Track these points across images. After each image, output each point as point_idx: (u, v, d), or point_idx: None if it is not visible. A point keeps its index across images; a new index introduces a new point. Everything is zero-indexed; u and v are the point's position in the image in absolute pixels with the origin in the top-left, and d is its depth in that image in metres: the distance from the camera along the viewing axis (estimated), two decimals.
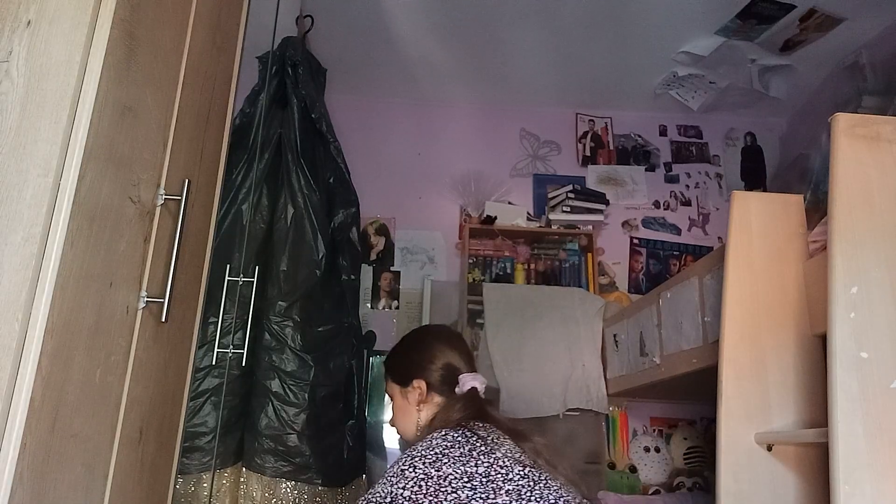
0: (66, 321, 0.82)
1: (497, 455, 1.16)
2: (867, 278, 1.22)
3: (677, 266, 3.36)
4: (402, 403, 1.44)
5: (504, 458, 1.16)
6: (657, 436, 3.04)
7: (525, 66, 3.21)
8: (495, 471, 1.13)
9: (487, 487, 1.10)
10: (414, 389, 1.42)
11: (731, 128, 3.63)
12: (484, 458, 1.15)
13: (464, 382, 1.40)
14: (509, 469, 1.14)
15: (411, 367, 1.44)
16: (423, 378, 1.42)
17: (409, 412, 1.42)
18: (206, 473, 2.12)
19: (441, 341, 1.48)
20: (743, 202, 1.68)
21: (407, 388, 1.43)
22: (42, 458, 0.79)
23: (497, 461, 1.15)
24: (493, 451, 1.17)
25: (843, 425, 1.15)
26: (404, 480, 1.11)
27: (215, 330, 2.14)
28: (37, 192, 0.79)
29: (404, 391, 1.44)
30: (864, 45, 2.85)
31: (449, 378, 1.41)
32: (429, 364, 1.43)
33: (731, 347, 1.57)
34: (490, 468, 1.13)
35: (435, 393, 1.41)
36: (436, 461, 1.13)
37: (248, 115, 2.50)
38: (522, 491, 1.12)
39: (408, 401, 1.42)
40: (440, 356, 1.44)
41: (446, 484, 1.10)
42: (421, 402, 1.41)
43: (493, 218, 3.21)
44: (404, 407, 1.43)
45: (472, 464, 1.13)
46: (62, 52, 0.84)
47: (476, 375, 1.41)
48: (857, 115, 1.33)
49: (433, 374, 1.42)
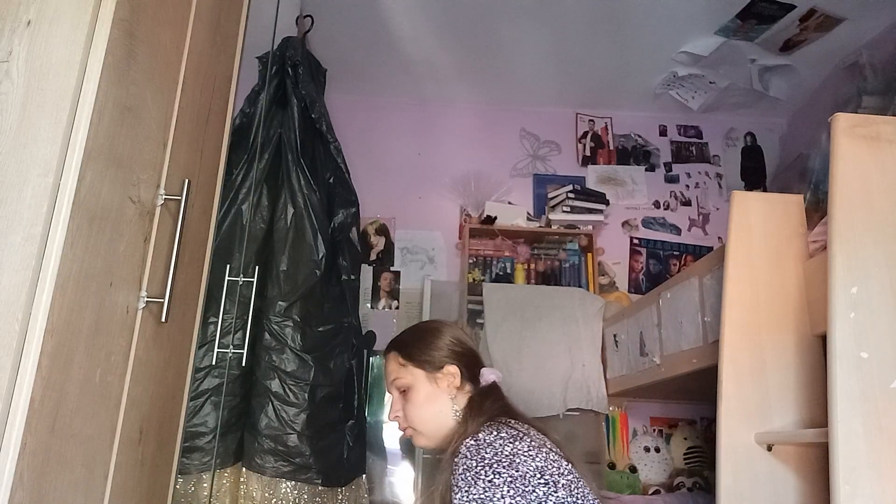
0: (66, 321, 0.82)
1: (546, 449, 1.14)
2: (867, 278, 1.22)
3: (677, 266, 3.36)
4: (430, 390, 1.33)
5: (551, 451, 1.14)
6: (657, 436, 3.04)
7: (525, 66, 3.21)
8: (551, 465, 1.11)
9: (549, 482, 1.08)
10: (444, 375, 1.33)
11: (731, 128, 3.63)
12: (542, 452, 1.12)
13: (486, 375, 1.35)
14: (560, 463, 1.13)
15: (442, 352, 1.36)
16: (457, 364, 1.34)
17: (438, 400, 1.32)
18: (206, 473, 2.12)
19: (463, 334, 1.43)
20: (743, 202, 1.68)
21: (436, 373, 1.34)
22: (42, 458, 0.79)
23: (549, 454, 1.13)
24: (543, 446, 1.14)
25: (843, 425, 1.15)
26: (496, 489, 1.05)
27: (215, 330, 2.14)
28: (37, 192, 0.79)
29: (433, 377, 1.34)
30: (864, 45, 2.85)
31: (474, 369, 1.36)
32: (459, 352, 1.36)
33: (731, 347, 1.57)
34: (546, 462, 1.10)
35: (466, 381, 1.34)
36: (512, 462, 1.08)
37: (248, 115, 2.50)
38: (572, 486, 1.11)
39: (437, 387, 1.33)
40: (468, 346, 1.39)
41: (527, 483, 1.06)
42: (455, 389, 1.32)
43: (493, 218, 3.20)
44: (432, 394, 1.32)
45: (540, 458, 1.10)
46: (62, 52, 0.84)
47: (493, 369, 1.38)
48: (857, 115, 1.33)
49: (464, 360, 1.36)
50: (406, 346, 1.40)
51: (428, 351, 1.36)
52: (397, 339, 1.45)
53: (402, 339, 1.44)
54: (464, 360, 1.36)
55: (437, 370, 1.34)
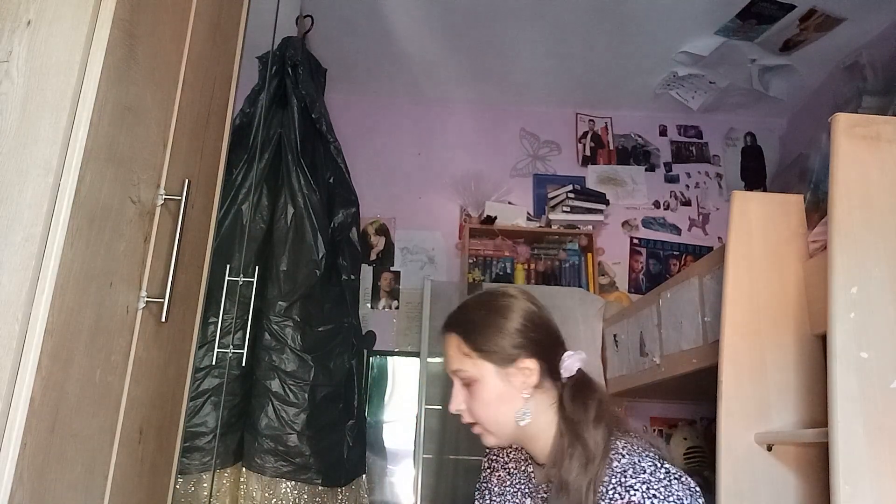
0: (66, 321, 0.82)
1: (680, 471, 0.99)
2: (867, 278, 1.22)
3: (677, 266, 3.36)
4: (502, 388, 1.09)
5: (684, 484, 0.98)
6: (657, 436, 3.04)
7: (525, 66, 3.21)
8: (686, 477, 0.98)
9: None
10: (520, 371, 1.09)
11: (731, 128, 3.63)
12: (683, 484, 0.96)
13: (569, 362, 1.11)
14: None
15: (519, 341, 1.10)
16: (536, 357, 1.09)
17: (511, 399, 1.09)
18: (206, 473, 2.12)
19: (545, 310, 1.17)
20: (743, 202, 1.67)
21: (509, 368, 1.09)
22: (42, 458, 0.79)
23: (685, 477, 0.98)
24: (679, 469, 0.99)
25: (843, 425, 1.15)
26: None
27: (215, 330, 2.14)
28: (37, 192, 0.79)
29: (505, 372, 1.09)
30: (864, 45, 2.85)
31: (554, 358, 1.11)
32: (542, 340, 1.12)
33: (731, 347, 1.57)
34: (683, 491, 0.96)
35: (546, 378, 1.11)
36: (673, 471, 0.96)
37: (248, 115, 2.50)
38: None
39: (510, 384, 1.09)
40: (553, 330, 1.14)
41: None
42: (533, 389, 1.09)
43: (493, 218, 3.20)
44: (505, 393, 1.09)
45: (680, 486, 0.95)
46: (62, 52, 0.84)
47: (578, 352, 1.13)
48: (857, 115, 1.33)
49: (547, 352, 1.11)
50: (471, 329, 1.13)
51: (498, 339, 1.10)
52: (459, 318, 1.17)
53: (467, 318, 1.16)
54: (543, 349, 1.11)
55: (509, 364, 1.09)
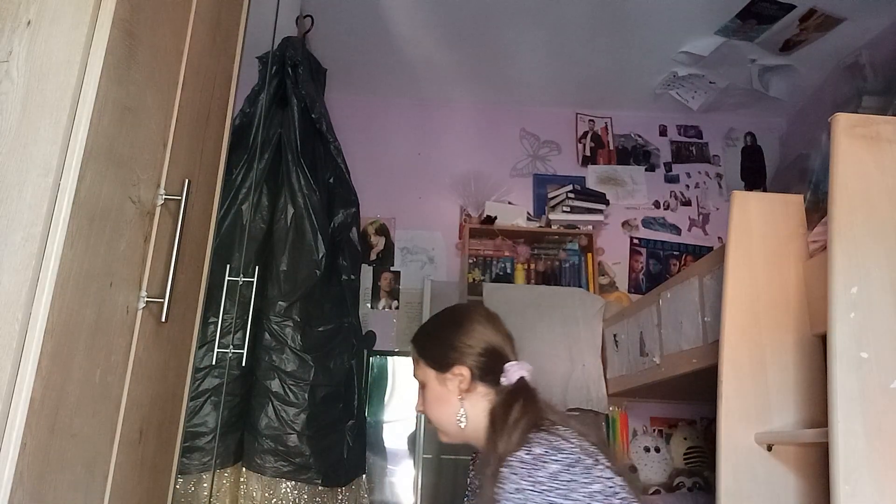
0: (66, 321, 0.82)
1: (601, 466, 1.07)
2: (867, 278, 1.22)
3: (677, 266, 3.36)
4: (440, 392, 1.25)
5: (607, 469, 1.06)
6: (657, 436, 3.04)
7: (525, 66, 3.21)
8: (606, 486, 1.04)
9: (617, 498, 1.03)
10: (454, 377, 1.24)
11: (731, 128, 3.63)
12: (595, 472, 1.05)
13: (511, 372, 1.24)
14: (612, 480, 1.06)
15: (451, 351, 1.26)
16: (465, 364, 1.24)
17: (448, 402, 1.24)
18: (206, 473, 2.12)
19: (485, 323, 1.30)
20: (743, 202, 1.67)
21: (445, 374, 1.25)
22: (42, 458, 0.79)
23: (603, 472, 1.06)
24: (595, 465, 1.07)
25: (843, 425, 1.15)
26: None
27: (215, 330, 2.14)
28: (37, 192, 0.79)
29: (442, 377, 1.25)
30: (864, 45, 2.85)
31: (494, 366, 1.25)
32: (471, 349, 1.25)
33: (731, 347, 1.57)
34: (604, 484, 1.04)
35: (478, 382, 1.24)
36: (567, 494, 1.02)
37: (248, 115, 2.50)
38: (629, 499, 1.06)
39: (446, 388, 1.25)
40: (485, 340, 1.27)
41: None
42: (465, 391, 1.23)
43: (493, 218, 3.20)
44: (443, 396, 1.25)
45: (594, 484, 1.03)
46: (62, 52, 0.84)
47: (522, 363, 1.26)
48: (857, 115, 1.32)
49: (476, 359, 1.25)
50: (421, 338, 1.34)
51: (438, 348, 1.28)
52: (419, 329, 1.38)
53: (422, 329, 1.38)
54: (479, 359, 1.25)
55: (446, 370, 1.25)
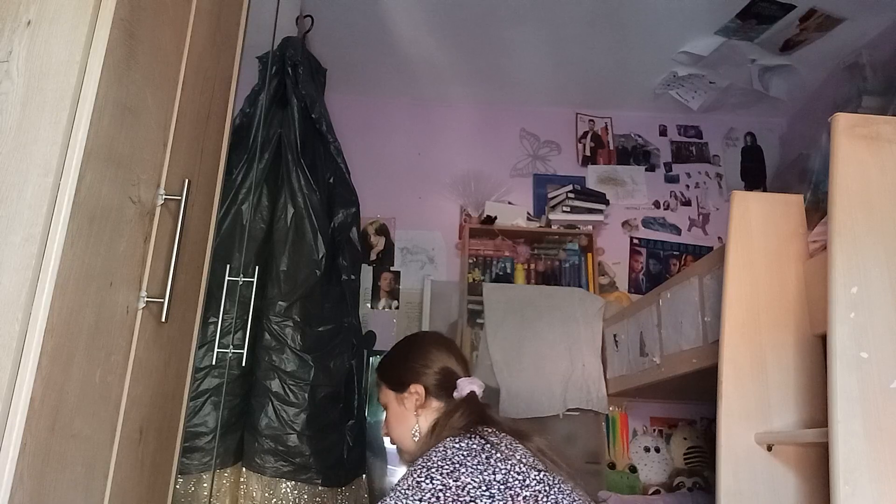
0: (66, 321, 0.82)
1: (513, 461, 1.14)
2: (867, 278, 1.22)
3: (677, 266, 3.36)
4: (399, 410, 1.40)
5: (520, 463, 1.14)
6: (657, 436, 3.04)
7: (525, 66, 3.21)
8: (512, 477, 1.11)
9: (505, 495, 1.08)
10: (411, 395, 1.38)
11: (731, 128, 3.63)
12: (501, 464, 1.12)
13: (462, 387, 1.36)
14: (525, 475, 1.12)
15: (407, 372, 1.41)
16: (420, 382, 1.38)
17: (406, 419, 1.38)
18: (206, 473, 2.12)
19: (436, 346, 1.45)
20: (743, 202, 1.67)
21: (403, 393, 1.39)
22: (42, 458, 0.79)
23: (514, 467, 1.13)
24: (509, 458, 1.14)
25: (843, 425, 1.15)
26: (421, 493, 1.07)
27: (215, 330, 2.14)
28: (37, 192, 0.79)
29: (400, 397, 1.40)
30: (864, 45, 2.85)
31: (446, 383, 1.38)
32: (425, 368, 1.40)
33: (731, 347, 1.57)
34: (507, 475, 1.11)
35: (433, 398, 1.38)
36: (454, 471, 1.10)
37: (248, 115, 2.50)
38: (539, 497, 1.10)
39: (405, 407, 1.39)
40: (437, 361, 1.41)
41: (464, 494, 1.07)
42: (419, 408, 1.37)
43: (493, 218, 3.20)
44: (401, 414, 1.39)
45: (489, 471, 1.11)
46: (62, 52, 0.84)
47: (474, 380, 1.38)
48: (857, 115, 1.32)
49: (430, 378, 1.39)
50: (381, 367, 1.51)
51: (397, 371, 1.44)
52: (381, 358, 1.54)
53: (384, 357, 1.53)
54: (435, 377, 1.39)
55: (403, 390, 1.39)
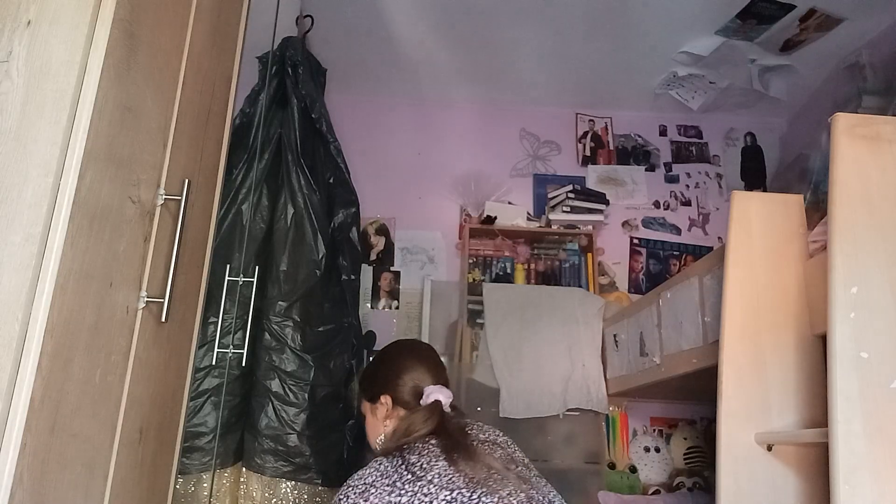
0: (66, 321, 0.82)
1: (423, 482, 1.17)
2: (867, 278, 1.22)
3: (677, 266, 3.36)
4: (371, 420, 1.45)
5: (430, 484, 1.17)
6: (657, 436, 3.04)
7: (525, 66, 3.21)
8: (419, 499, 1.15)
9: None
10: (381, 405, 1.42)
11: (731, 128, 3.63)
12: (409, 486, 1.17)
13: (428, 395, 1.38)
14: (434, 496, 1.15)
15: (378, 384, 1.45)
16: (388, 393, 1.42)
17: (376, 427, 1.43)
18: (206, 473, 2.12)
19: (408, 357, 1.47)
20: (743, 202, 1.68)
21: (375, 404, 1.44)
22: (42, 458, 0.79)
23: (422, 489, 1.16)
24: (420, 479, 1.18)
25: (843, 425, 1.15)
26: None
27: (215, 330, 2.14)
28: (37, 192, 0.79)
29: (373, 407, 1.44)
30: (864, 45, 2.85)
31: (414, 392, 1.40)
32: (395, 379, 1.42)
33: (731, 347, 1.57)
34: (413, 497, 1.15)
35: (400, 407, 1.40)
36: (364, 491, 1.17)
37: (248, 115, 2.50)
38: None
39: (376, 417, 1.43)
40: (406, 371, 1.43)
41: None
42: (387, 417, 1.41)
43: (493, 218, 3.20)
44: (373, 423, 1.44)
45: (395, 493, 1.16)
46: (62, 52, 0.84)
47: (441, 388, 1.39)
48: (857, 115, 1.33)
49: (399, 389, 1.41)
50: (361, 379, 1.56)
51: (369, 383, 1.49)
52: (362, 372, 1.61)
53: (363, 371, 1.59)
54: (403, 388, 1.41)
55: (375, 401, 1.44)
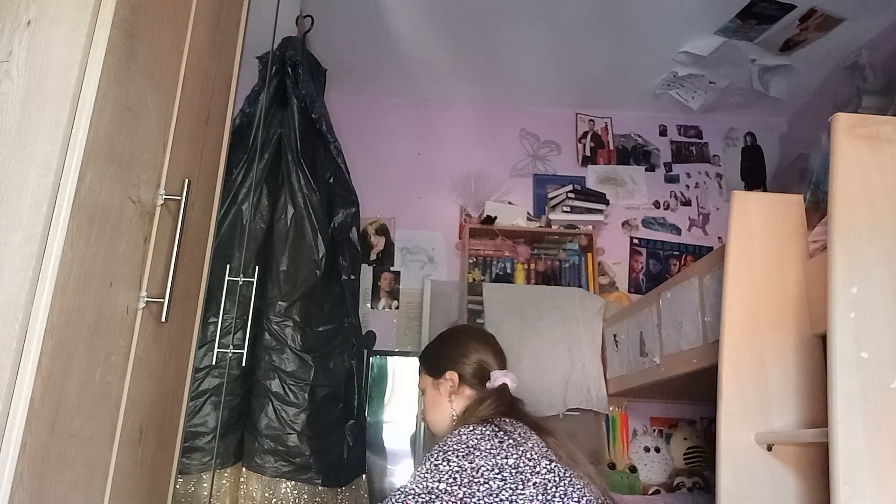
0: (66, 321, 0.82)
1: (525, 448, 1.20)
2: (867, 278, 1.22)
3: (677, 266, 3.36)
4: (434, 395, 1.49)
5: (531, 451, 1.20)
6: (657, 436, 3.04)
7: (525, 66, 3.21)
8: (524, 463, 1.17)
9: (516, 479, 1.14)
10: (446, 381, 1.47)
11: (731, 128, 3.63)
12: (513, 450, 1.18)
13: (495, 378, 1.44)
14: (536, 462, 1.18)
15: (445, 360, 1.50)
16: (455, 370, 1.47)
17: (440, 403, 1.47)
18: (206, 473, 2.12)
19: (476, 339, 1.55)
20: (743, 202, 1.67)
21: (439, 379, 1.48)
22: (42, 458, 0.79)
23: (525, 454, 1.19)
24: (521, 445, 1.21)
25: (843, 425, 1.15)
26: (439, 474, 1.15)
27: (215, 330, 2.14)
28: (37, 192, 0.79)
29: (436, 383, 1.49)
30: (864, 45, 2.85)
31: (480, 373, 1.46)
32: (462, 358, 1.48)
33: (731, 347, 1.57)
34: (519, 460, 1.17)
35: (466, 386, 1.46)
36: (468, 454, 1.17)
37: (248, 115, 2.50)
38: (548, 485, 1.16)
39: (439, 392, 1.47)
40: (474, 352, 1.49)
41: (478, 475, 1.14)
42: (452, 394, 1.46)
43: (493, 218, 3.20)
44: (436, 399, 1.48)
45: (502, 455, 1.17)
46: (62, 52, 0.84)
47: (507, 373, 1.46)
48: (857, 115, 1.32)
49: (466, 367, 1.47)
50: (423, 354, 1.61)
51: (435, 360, 1.53)
52: (424, 348, 1.65)
53: (426, 347, 1.63)
54: (470, 367, 1.47)
55: (440, 376, 1.49)
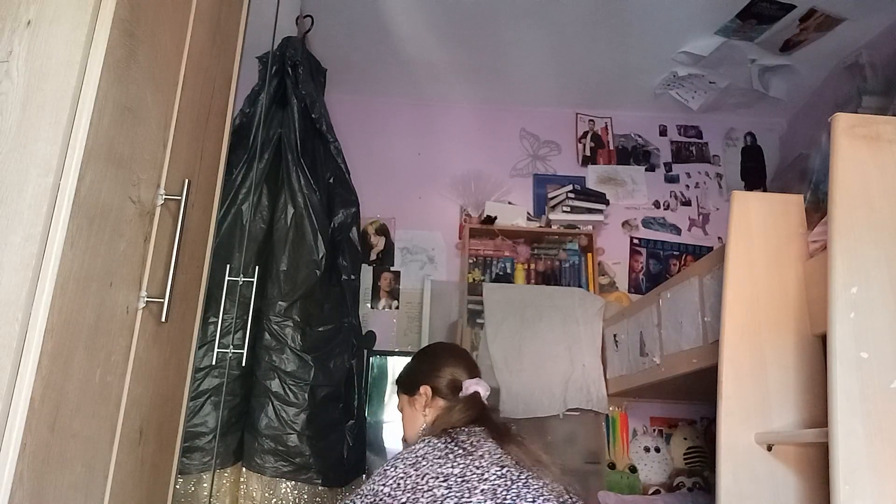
0: (66, 321, 0.82)
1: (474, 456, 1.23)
2: (867, 278, 1.22)
3: (677, 266, 3.36)
4: (410, 412, 1.53)
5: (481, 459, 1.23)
6: (657, 436, 3.04)
7: (525, 66, 3.21)
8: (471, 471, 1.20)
9: (462, 487, 1.17)
10: (420, 396, 1.51)
11: (731, 128, 3.63)
12: (460, 459, 1.22)
13: (467, 387, 1.48)
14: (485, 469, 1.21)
15: (419, 376, 1.55)
16: (428, 384, 1.51)
17: (415, 418, 1.51)
18: (206, 473, 2.12)
19: (447, 353, 1.60)
20: (743, 202, 1.67)
21: (414, 395, 1.53)
22: (42, 458, 0.79)
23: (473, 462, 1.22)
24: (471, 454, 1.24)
25: (843, 425, 1.15)
26: (385, 479, 1.22)
27: (215, 330, 2.14)
28: (37, 192, 0.79)
29: (412, 399, 1.53)
30: (864, 45, 2.85)
31: (453, 385, 1.50)
32: (435, 372, 1.53)
33: (731, 347, 1.57)
34: (466, 469, 1.20)
35: (440, 397, 1.50)
36: (415, 463, 1.23)
37: (248, 115, 2.50)
38: (498, 490, 1.18)
39: (415, 408, 1.51)
40: (445, 366, 1.54)
41: (423, 482, 1.18)
42: (427, 406, 1.50)
43: (493, 218, 3.20)
44: (411, 415, 1.52)
45: (448, 465, 1.21)
46: (62, 52, 0.84)
47: (480, 381, 1.50)
48: (857, 115, 1.33)
49: (439, 380, 1.51)
50: (399, 377, 1.64)
51: (409, 377, 1.59)
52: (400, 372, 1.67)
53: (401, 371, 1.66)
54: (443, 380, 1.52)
55: (414, 392, 1.53)
